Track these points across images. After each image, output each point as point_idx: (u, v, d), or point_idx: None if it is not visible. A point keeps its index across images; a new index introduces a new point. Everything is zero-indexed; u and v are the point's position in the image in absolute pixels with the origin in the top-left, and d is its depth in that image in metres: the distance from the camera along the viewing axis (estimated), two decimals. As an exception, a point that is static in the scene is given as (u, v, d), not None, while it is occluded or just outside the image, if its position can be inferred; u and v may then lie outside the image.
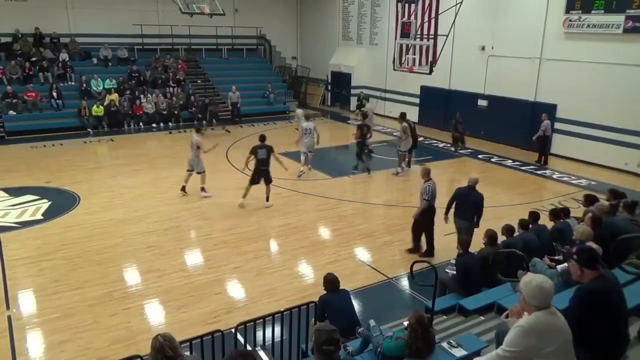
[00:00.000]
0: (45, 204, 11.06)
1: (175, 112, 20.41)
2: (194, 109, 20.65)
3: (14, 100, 17.96)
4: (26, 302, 7.24)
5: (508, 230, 6.96)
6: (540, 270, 5.56)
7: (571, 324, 3.19)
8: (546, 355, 3.02)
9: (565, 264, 5.77)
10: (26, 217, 10.37)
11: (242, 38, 24.90)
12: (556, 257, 6.32)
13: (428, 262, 5.61)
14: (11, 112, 17.80)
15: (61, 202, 11.20)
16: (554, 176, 13.62)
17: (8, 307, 7.05)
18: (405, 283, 7.88)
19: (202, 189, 11.71)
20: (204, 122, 20.45)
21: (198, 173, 11.64)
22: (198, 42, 23.69)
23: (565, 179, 13.56)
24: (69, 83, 19.82)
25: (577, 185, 12.98)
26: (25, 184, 12.22)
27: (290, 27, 27.16)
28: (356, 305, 7.12)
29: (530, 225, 7.10)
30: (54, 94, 18.71)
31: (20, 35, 20.04)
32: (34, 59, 19.71)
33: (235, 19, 24.08)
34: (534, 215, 7.31)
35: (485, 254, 6.52)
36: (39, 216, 10.44)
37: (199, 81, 22.52)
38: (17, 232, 9.63)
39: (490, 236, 6.69)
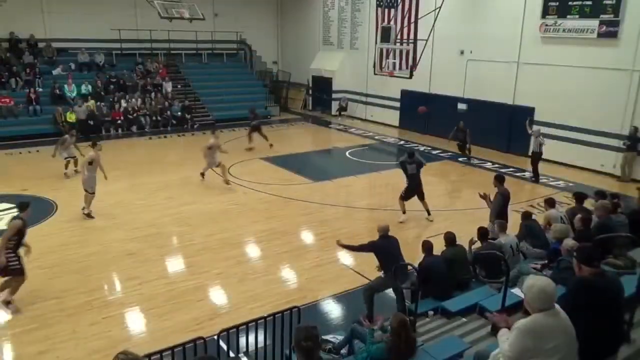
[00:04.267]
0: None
1: (155, 117, 20.21)
2: (169, 112, 20.46)
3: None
4: (2, 313, 7.05)
5: (483, 233, 7.05)
6: (526, 273, 5.68)
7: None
8: (547, 352, 3.09)
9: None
10: (1, 226, 10.10)
11: (222, 43, 24.78)
12: (540, 262, 6.46)
13: (411, 265, 5.63)
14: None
15: (38, 210, 10.92)
16: (533, 178, 13.81)
17: (-15, 319, 6.88)
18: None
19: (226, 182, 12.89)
20: (185, 126, 20.42)
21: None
22: (178, 46, 23.49)
23: (543, 180, 13.77)
24: (43, 89, 19.42)
25: (555, 187, 13.20)
26: (0, 192, 11.94)
27: (271, 32, 27.14)
28: (340, 309, 7.15)
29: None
30: (32, 97, 18.38)
31: (9, 40, 19.66)
32: (8, 64, 19.34)
33: (215, 23, 23.95)
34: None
35: (448, 255, 6.61)
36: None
37: (179, 86, 22.34)
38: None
39: (450, 238, 6.87)
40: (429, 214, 10.68)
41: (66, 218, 10.56)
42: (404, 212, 10.55)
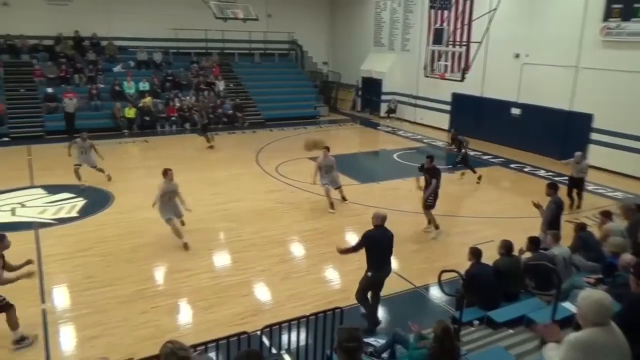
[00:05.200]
0: (80, 202, 11.42)
1: (208, 114, 20.74)
2: (221, 110, 20.90)
3: (54, 104, 18.61)
4: (60, 297, 7.47)
5: (535, 243, 6.79)
6: (579, 286, 5.46)
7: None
8: None
9: None
10: (62, 214, 10.72)
11: (274, 43, 25.18)
12: (595, 277, 6.21)
13: (457, 272, 5.53)
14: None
15: (96, 201, 11.53)
16: (589, 188, 13.22)
17: (43, 301, 7.29)
18: (432, 292, 7.79)
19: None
20: (236, 124, 20.81)
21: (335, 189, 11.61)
22: (231, 46, 24.07)
23: (600, 191, 13.18)
24: (104, 85, 20.38)
25: (612, 198, 12.59)
26: (62, 182, 12.58)
27: (322, 33, 27.31)
28: (382, 312, 7.10)
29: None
30: (94, 93, 19.34)
31: (61, 38, 20.80)
32: (72, 61, 20.44)
33: (268, 24, 24.35)
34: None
35: (501, 267, 6.39)
36: (74, 213, 10.79)
37: (231, 85, 22.86)
38: (54, 229, 9.97)
39: (507, 246, 6.56)
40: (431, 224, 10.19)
41: (121, 209, 11.03)
42: (437, 227, 10.09)
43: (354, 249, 6.66)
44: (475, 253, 6.38)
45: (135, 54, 22.00)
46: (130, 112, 19.23)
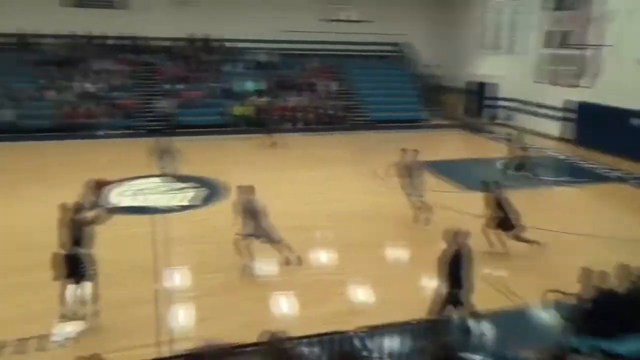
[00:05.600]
0: (201, 191, 12.37)
1: (315, 115, 21.29)
2: (328, 111, 21.27)
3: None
4: (174, 279, 8.10)
5: None
6: None
7: None
8: None
9: None
10: (184, 202, 11.72)
11: (381, 45, 25.17)
12: None
13: (572, 294, 5.18)
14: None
15: (216, 191, 12.40)
16: None
17: (158, 281, 7.93)
18: (543, 313, 7.29)
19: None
20: (343, 125, 21.09)
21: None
22: (339, 47, 24.43)
23: None
24: (221, 84, 21.75)
25: None
26: (185, 173, 13.29)
27: (429, 35, 26.66)
28: (488, 329, 6.81)
29: None
30: (210, 91, 20.79)
31: (186, 39, 22.63)
32: (194, 61, 22.11)
33: (376, 26, 24.32)
34: None
35: (623, 293, 5.78)
36: (195, 202, 11.74)
37: (338, 86, 23.26)
38: (175, 215, 10.90)
39: (630, 272, 5.96)
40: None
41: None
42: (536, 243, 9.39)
43: (450, 273, 6.44)
44: (592, 276, 5.93)
45: (251, 55, 23.18)
46: (246, 111, 20.33)
